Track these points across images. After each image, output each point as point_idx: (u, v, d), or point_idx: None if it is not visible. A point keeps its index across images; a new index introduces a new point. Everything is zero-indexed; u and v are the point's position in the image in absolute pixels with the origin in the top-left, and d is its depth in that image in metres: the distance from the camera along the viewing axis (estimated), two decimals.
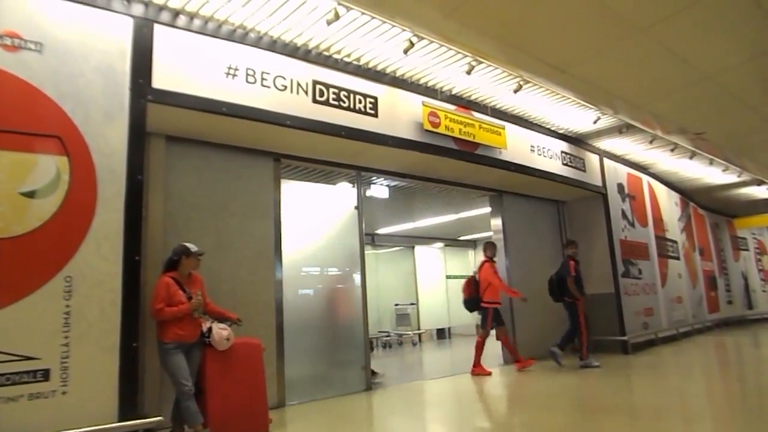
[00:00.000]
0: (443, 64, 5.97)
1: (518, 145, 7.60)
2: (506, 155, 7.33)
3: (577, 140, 8.95)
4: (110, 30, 4.24)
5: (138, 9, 4.43)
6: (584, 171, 9.00)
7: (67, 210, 3.83)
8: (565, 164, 8.55)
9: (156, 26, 4.50)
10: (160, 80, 4.45)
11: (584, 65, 5.44)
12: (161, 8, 4.55)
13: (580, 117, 7.90)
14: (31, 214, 3.69)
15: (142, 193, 4.28)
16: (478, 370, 7.25)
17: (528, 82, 6.39)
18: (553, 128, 8.42)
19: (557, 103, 7.28)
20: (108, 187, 4.05)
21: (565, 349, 7.55)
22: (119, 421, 3.79)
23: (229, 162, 5.48)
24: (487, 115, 7.19)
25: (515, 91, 6.57)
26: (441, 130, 6.47)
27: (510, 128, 7.46)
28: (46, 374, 3.57)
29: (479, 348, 7.32)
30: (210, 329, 4.36)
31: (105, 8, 4.26)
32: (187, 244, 4.35)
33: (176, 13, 4.64)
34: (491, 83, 6.53)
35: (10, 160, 3.66)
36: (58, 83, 3.94)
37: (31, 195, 3.71)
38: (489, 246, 7.66)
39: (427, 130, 6.32)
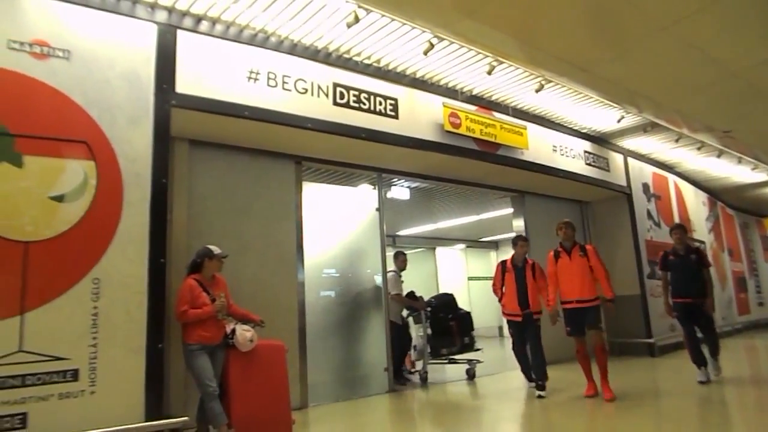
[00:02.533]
0: (463, 65, 5.95)
1: (540, 145, 7.53)
2: (528, 155, 7.27)
3: (600, 139, 8.83)
4: (135, 37, 4.33)
5: (161, 15, 4.51)
6: (608, 171, 8.87)
7: (95, 214, 3.91)
8: (589, 164, 8.44)
9: (179, 32, 4.57)
10: (184, 85, 4.52)
11: (607, 64, 5.35)
12: (184, 14, 4.62)
13: (604, 116, 7.79)
14: (60, 217, 3.78)
15: (167, 197, 4.35)
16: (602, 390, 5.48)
17: (550, 81, 6.32)
18: (575, 128, 8.32)
19: (580, 102, 7.19)
20: (133, 191, 4.13)
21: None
22: (145, 421, 3.85)
23: (251, 165, 5.54)
24: (509, 115, 7.14)
25: (537, 91, 6.51)
26: (462, 131, 6.44)
27: (532, 128, 7.40)
28: (75, 374, 3.65)
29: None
30: (233, 331, 4.40)
31: (130, 15, 4.35)
32: (210, 247, 4.39)
33: (199, 19, 4.71)
34: (512, 83, 6.49)
35: (40, 165, 3.76)
36: (85, 90, 4.03)
37: (59, 199, 3.80)
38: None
39: (447, 131, 6.30)
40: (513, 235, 8.76)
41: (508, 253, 6.82)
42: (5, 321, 3.48)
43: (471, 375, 7.20)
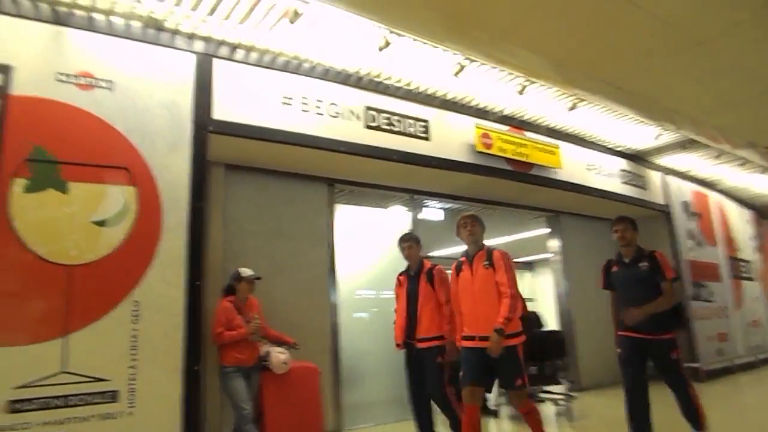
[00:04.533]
0: (494, 85, 5.95)
1: (574, 164, 7.42)
2: (562, 175, 7.17)
3: (637, 157, 8.65)
4: (174, 66, 4.49)
5: (199, 45, 4.67)
6: (645, 189, 8.66)
7: (135, 237, 4.02)
8: (625, 183, 8.26)
9: (215, 60, 4.72)
10: (220, 111, 4.65)
11: (641, 81, 5.28)
12: (220, 43, 4.77)
13: (640, 133, 7.64)
14: (102, 241, 3.91)
15: (203, 221, 4.45)
16: None
17: (583, 100, 6.26)
18: (610, 146, 8.18)
19: (615, 120, 7.08)
20: (172, 215, 4.23)
21: None
22: None
23: (284, 188, 5.62)
24: (541, 134, 7.08)
25: (570, 110, 6.45)
26: (494, 151, 6.41)
27: (565, 147, 7.31)
28: (114, 396, 3.72)
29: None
30: (268, 353, 4.43)
31: (169, 46, 4.52)
32: (241, 270, 4.47)
33: (234, 48, 4.85)
34: (544, 102, 6.44)
35: (84, 190, 3.90)
36: (126, 118, 4.19)
37: (102, 224, 3.93)
38: None
39: (479, 152, 6.28)
40: (549, 256, 8.64)
41: (543, 275, 6.59)
42: (50, 342, 3.59)
43: (565, 413, 5.95)
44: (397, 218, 6.72)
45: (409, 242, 4.69)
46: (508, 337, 3.68)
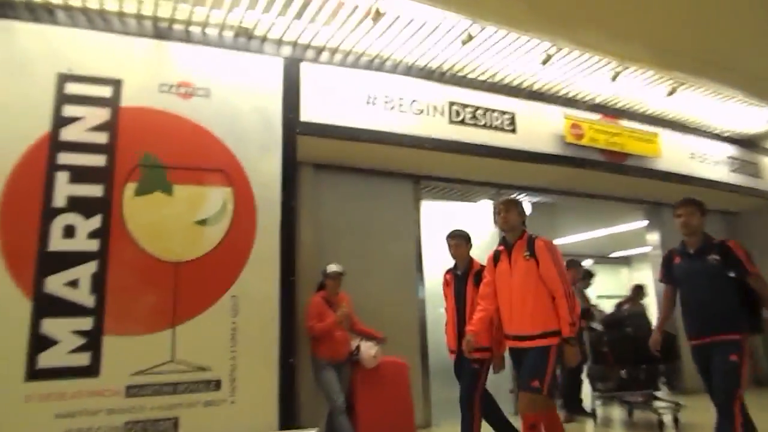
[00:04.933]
0: (585, 73, 5.68)
1: (675, 153, 6.92)
2: (661, 164, 6.72)
3: (747, 143, 7.92)
4: (263, 72, 4.69)
5: (286, 50, 4.85)
6: (759, 177, 7.91)
7: (233, 236, 4.26)
8: (734, 170, 7.59)
9: (302, 64, 4.87)
10: (307, 113, 4.80)
11: (750, 59, 4.83)
12: (306, 47, 4.93)
13: (750, 116, 6.99)
14: (204, 240, 4.17)
15: (295, 219, 4.62)
16: None
17: (683, 83, 5.83)
18: (716, 131, 7.55)
19: (721, 102, 6.53)
20: (265, 215, 4.43)
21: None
22: (280, 431, 4.06)
23: (371, 186, 5.71)
24: (637, 122, 6.68)
25: (669, 95, 6.03)
26: (585, 141, 6.14)
27: (664, 134, 6.84)
28: (217, 384, 3.96)
29: None
30: (358, 348, 4.53)
31: (259, 52, 4.73)
32: (328, 266, 4.62)
33: (320, 50, 4.99)
34: (640, 88, 6.06)
35: (188, 193, 4.19)
36: (222, 123, 4.44)
37: (203, 223, 4.19)
38: None
39: (569, 143, 6.03)
40: (648, 249, 8.13)
41: (641, 270, 6.18)
42: (161, 333, 3.89)
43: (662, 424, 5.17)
44: (483, 213, 6.62)
45: (457, 240, 4.26)
46: (544, 335, 3.29)
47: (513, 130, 5.77)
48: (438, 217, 6.24)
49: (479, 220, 6.56)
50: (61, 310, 3.69)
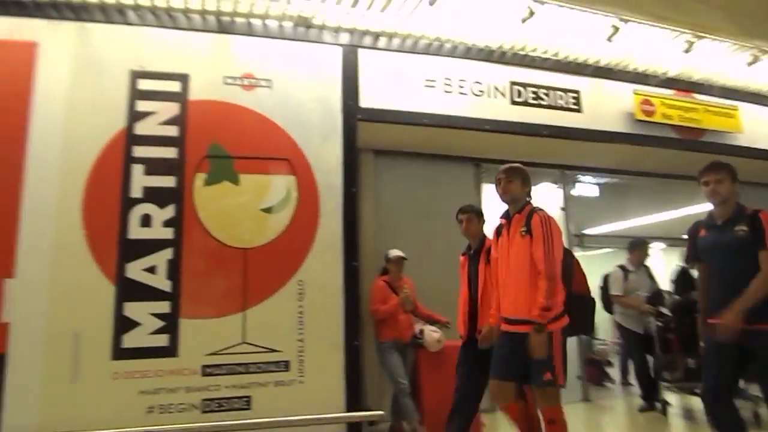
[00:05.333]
0: (655, 46, 5.39)
1: (759, 127, 6.44)
2: (743, 140, 6.28)
3: None
4: (323, 60, 4.74)
5: (344, 38, 4.88)
6: None
7: (297, 222, 4.36)
8: None
9: (360, 51, 4.89)
10: (367, 100, 4.82)
11: None
12: (364, 33, 4.94)
13: None
14: (270, 227, 4.30)
15: (357, 205, 4.67)
16: None
17: (767, 51, 5.42)
18: None
19: None
20: (328, 201, 4.51)
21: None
22: (346, 412, 4.15)
23: (431, 170, 5.69)
24: (715, 95, 6.27)
25: (750, 65, 5.62)
26: (656, 118, 5.83)
27: (746, 108, 6.39)
28: (287, 365, 4.10)
29: None
30: (422, 331, 4.55)
31: (318, 41, 4.79)
32: (389, 251, 4.66)
33: (377, 36, 4.99)
34: (717, 59, 5.68)
35: (254, 181, 4.32)
36: (284, 113, 4.54)
37: (268, 211, 4.32)
38: None
39: (639, 120, 5.75)
40: None
41: None
42: (233, 316, 4.06)
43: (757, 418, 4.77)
44: (547, 195, 6.44)
45: (468, 215, 3.94)
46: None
47: (578, 109, 5.57)
48: (500, 201, 6.12)
49: (542, 203, 6.38)
50: (141, 294, 3.92)
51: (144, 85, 4.28)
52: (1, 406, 3.59)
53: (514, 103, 5.33)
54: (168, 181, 4.17)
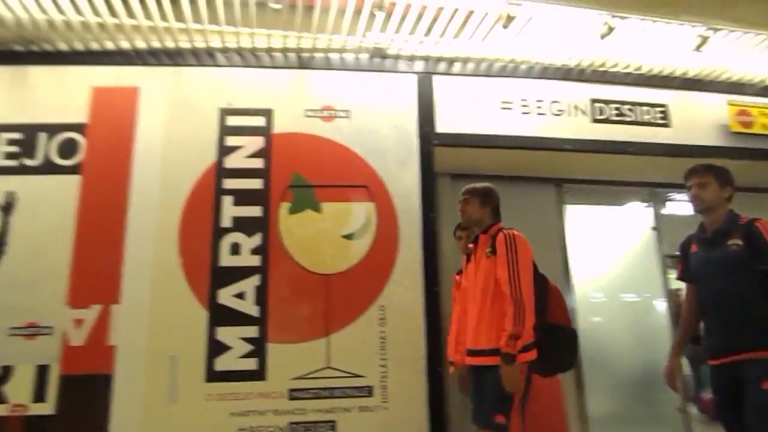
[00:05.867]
0: (749, 53, 5.06)
1: None
2: None
3: None
4: (399, 88, 4.85)
5: (419, 65, 4.96)
6: None
7: (377, 248, 4.42)
8: None
9: (434, 77, 4.95)
10: (442, 125, 4.85)
11: None
12: (438, 60, 5.00)
13: None
14: (351, 253, 4.39)
15: (436, 230, 4.67)
16: None
17: None
18: None
19: None
20: (406, 227, 4.54)
21: None
22: None
23: (510, 192, 5.52)
24: None
25: None
26: (755, 129, 5.43)
27: None
28: (370, 391, 4.11)
29: None
30: None
31: (393, 71, 4.90)
32: None
33: (451, 62, 5.04)
34: None
35: (335, 209, 4.45)
36: (362, 141, 4.66)
37: (349, 237, 4.42)
38: None
39: (735, 133, 5.38)
40: None
41: None
42: (317, 341, 4.15)
43: None
44: (636, 215, 6.13)
45: (465, 231, 3.71)
46: (495, 354, 2.73)
47: (666, 124, 5.30)
48: (584, 223, 5.91)
49: (631, 224, 6.09)
50: (231, 319, 4.11)
51: (232, 121, 4.57)
52: (109, 421, 3.86)
53: (595, 120, 5.17)
54: (255, 211, 4.38)
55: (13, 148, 4.36)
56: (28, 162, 4.35)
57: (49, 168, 4.34)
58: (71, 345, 3.98)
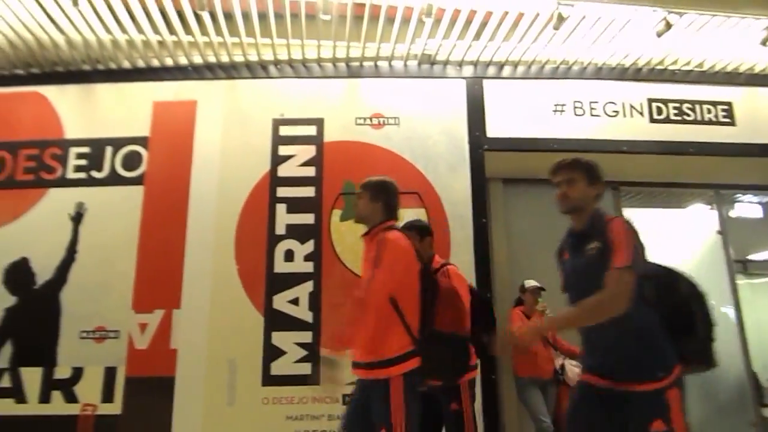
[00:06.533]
0: None
1: None
2: None
3: None
4: (448, 94, 4.85)
5: (468, 70, 4.94)
6: None
7: None
8: None
9: (484, 81, 4.92)
10: (493, 129, 4.81)
11: None
12: (488, 64, 4.96)
13: None
14: None
15: (487, 235, 4.62)
16: None
17: None
18: None
19: None
20: (458, 232, 4.51)
21: None
22: None
23: None
24: None
25: None
26: None
27: None
28: None
29: None
30: (563, 366, 4.31)
31: (442, 77, 4.91)
32: (525, 281, 4.48)
33: (501, 66, 4.98)
34: None
35: None
36: (412, 147, 4.67)
37: None
38: None
39: None
40: None
41: None
42: None
43: None
44: (699, 218, 5.85)
45: (408, 233, 2.99)
46: (381, 364, 2.43)
47: (731, 122, 5.06)
48: (643, 227, 5.68)
49: (693, 227, 5.81)
50: (286, 324, 4.20)
51: (285, 131, 4.68)
52: (171, 421, 4.02)
53: (653, 121, 5.00)
54: (307, 218, 4.46)
55: (82, 162, 4.63)
56: (96, 174, 4.60)
57: (114, 180, 4.58)
58: (136, 348, 4.17)
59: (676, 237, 5.82)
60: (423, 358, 2.49)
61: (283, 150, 4.65)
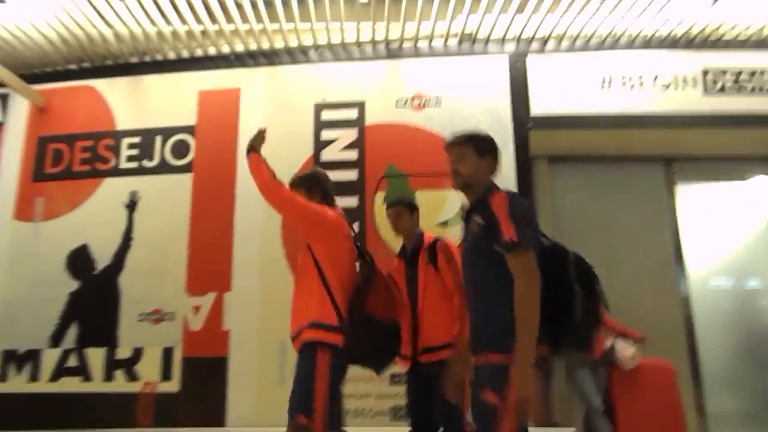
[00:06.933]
0: None
1: None
2: None
3: None
4: (490, 72, 4.77)
5: (510, 46, 4.84)
6: None
7: None
8: None
9: (528, 57, 4.80)
10: (538, 106, 4.71)
11: None
12: (530, 40, 4.84)
13: None
14: None
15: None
16: None
17: None
18: None
19: None
20: None
21: None
22: (536, 427, 4.00)
23: (612, 173, 5.27)
24: None
25: None
26: None
27: None
28: None
29: None
30: (613, 347, 4.22)
31: (483, 54, 4.82)
32: None
33: (545, 41, 4.85)
34: None
35: (428, 197, 4.43)
36: (453, 127, 4.52)
37: (444, 224, 4.42)
38: None
39: None
40: None
41: None
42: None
43: None
44: (760, 191, 5.57)
45: (395, 208, 3.13)
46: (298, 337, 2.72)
47: None
48: (699, 202, 5.45)
49: (755, 201, 5.54)
50: None
51: (326, 115, 4.72)
52: (226, 398, 4.19)
53: (708, 92, 4.77)
54: (351, 202, 4.50)
55: (134, 152, 4.80)
56: (147, 163, 4.77)
57: (165, 168, 4.75)
58: (191, 329, 4.34)
59: (737, 211, 5.57)
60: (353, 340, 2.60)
61: (326, 134, 4.69)
